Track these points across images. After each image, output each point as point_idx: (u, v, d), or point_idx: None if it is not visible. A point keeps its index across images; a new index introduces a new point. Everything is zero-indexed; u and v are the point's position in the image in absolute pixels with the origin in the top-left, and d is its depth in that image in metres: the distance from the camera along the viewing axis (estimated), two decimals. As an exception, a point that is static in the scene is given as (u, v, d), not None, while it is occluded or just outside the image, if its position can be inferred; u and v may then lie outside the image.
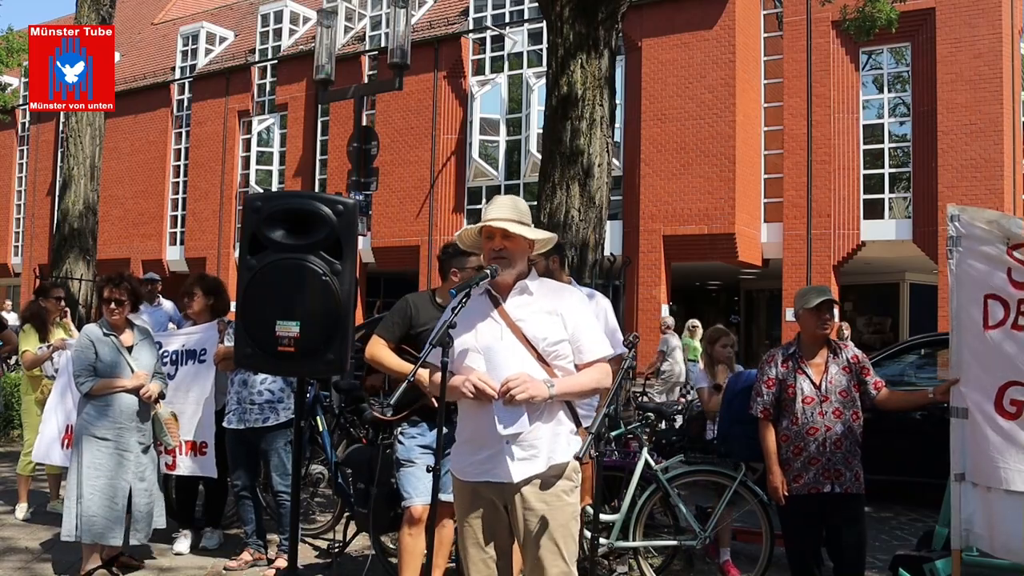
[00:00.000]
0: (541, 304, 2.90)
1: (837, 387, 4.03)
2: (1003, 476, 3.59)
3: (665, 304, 21.22)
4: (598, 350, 2.89)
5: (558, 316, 2.87)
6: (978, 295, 3.71)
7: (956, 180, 18.91)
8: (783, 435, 4.08)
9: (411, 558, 3.95)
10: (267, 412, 4.96)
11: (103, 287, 4.83)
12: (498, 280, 2.91)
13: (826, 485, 3.98)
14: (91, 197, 10.72)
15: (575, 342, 2.87)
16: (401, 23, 8.77)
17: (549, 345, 2.83)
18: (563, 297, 2.96)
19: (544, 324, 2.85)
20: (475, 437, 2.86)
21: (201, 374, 5.25)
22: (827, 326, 4.07)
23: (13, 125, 34.81)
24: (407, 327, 3.92)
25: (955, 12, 19.14)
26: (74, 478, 4.64)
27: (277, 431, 4.98)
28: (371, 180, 9.19)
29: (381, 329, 3.98)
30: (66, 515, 4.63)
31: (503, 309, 2.90)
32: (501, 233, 2.87)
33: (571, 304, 2.93)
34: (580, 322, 2.90)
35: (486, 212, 2.95)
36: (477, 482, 2.86)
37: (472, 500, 2.91)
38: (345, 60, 24.62)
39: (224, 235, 28.49)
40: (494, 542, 2.91)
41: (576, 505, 2.89)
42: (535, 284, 2.96)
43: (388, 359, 3.89)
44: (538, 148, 20.32)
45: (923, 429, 6.52)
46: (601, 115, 6.19)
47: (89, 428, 4.67)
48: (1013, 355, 3.61)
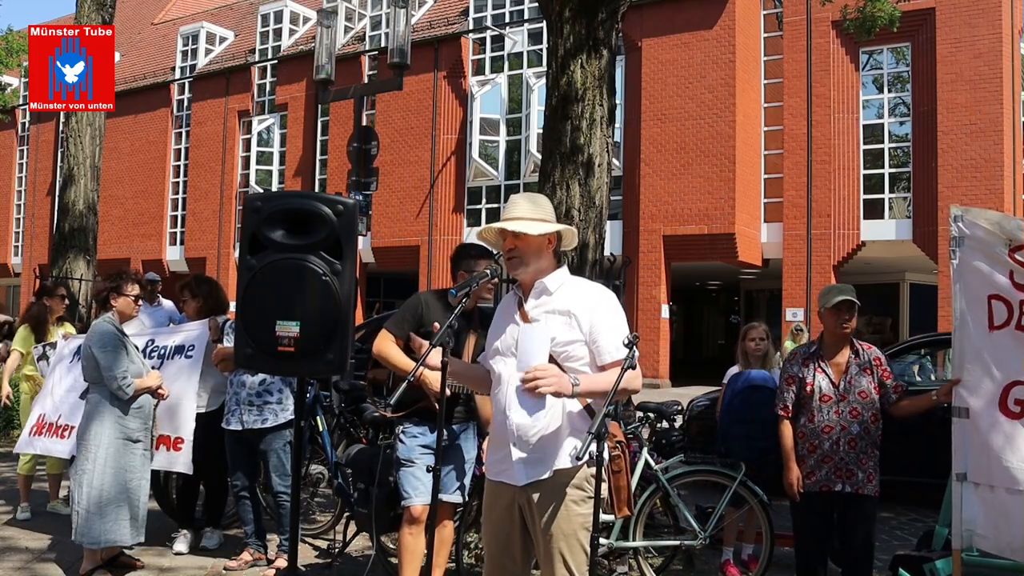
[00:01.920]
0: (556, 304, 2.83)
1: (856, 387, 4.04)
2: (1005, 475, 3.60)
3: (665, 304, 21.23)
4: (619, 351, 2.75)
5: (572, 316, 2.79)
6: (982, 295, 3.71)
7: (956, 180, 18.92)
8: (799, 432, 4.11)
9: (411, 558, 3.95)
10: (265, 413, 4.96)
11: (125, 283, 4.83)
12: (522, 280, 2.89)
13: (837, 484, 3.99)
14: (91, 197, 10.71)
15: (593, 343, 2.78)
16: (401, 23, 8.77)
17: (559, 346, 2.76)
18: (583, 297, 2.84)
19: (555, 324, 2.79)
20: (496, 435, 2.87)
21: (185, 370, 5.22)
22: (846, 326, 4.07)
23: (13, 125, 34.83)
24: (417, 324, 3.91)
25: (955, 12, 19.14)
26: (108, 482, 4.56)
27: (275, 432, 4.98)
28: (371, 180, 9.19)
29: (391, 324, 3.99)
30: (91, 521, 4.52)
31: (523, 310, 2.88)
32: (511, 233, 2.86)
33: (590, 304, 2.82)
34: (599, 322, 2.79)
35: (504, 211, 2.94)
36: (498, 481, 2.87)
37: (494, 500, 2.91)
38: (345, 60, 24.64)
39: (224, 235, 28.49)
40: (511, 544, 2.89)
41: (587, 516, 2.76)
42: (556, 283, 2.87)
43: (394, 355, 3.90)
44: (538, 148, 20.32)
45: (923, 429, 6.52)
46: (601, 115, 6.19)
47: (124, 431, 4.63)
48: (1017, 356, 3.62)
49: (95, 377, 4.66)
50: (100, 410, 4.62)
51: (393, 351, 3.91)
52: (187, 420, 5.13)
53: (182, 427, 5.12)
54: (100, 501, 4.54)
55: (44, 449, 5.63)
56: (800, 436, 4.11)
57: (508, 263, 2.87)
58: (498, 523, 2.89)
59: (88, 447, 4.59)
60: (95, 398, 4.67)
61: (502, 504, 2.87)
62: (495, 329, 2.95)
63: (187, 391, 5.18)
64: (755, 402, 4.87)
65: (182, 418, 5.14)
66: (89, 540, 4.55)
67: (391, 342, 3.93)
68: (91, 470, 4.56)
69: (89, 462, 4.57)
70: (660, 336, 20.97)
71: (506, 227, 2.83)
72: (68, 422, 5.44)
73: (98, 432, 4.60)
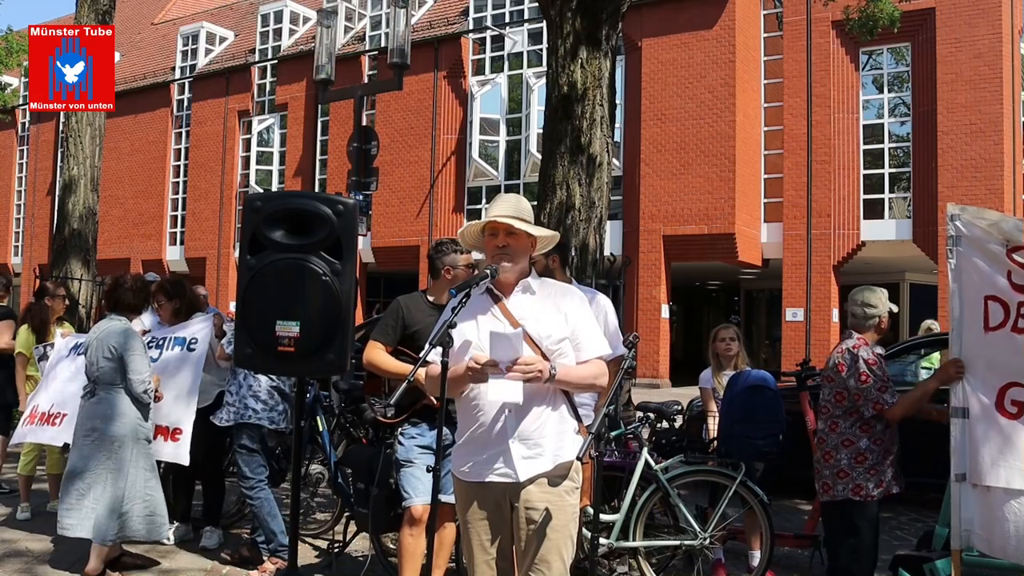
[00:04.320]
0: (545, 302, 2.91)
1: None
2: (1003, 475, 3.59)
3: (665, 304, 21.23)
4: (596, 348, 2.91)
5: (562, 315, 2.89)
6: (978, 296, 3.70)
7: (956, 180, 18.92)
8: (876, 439, 3.91)
9: (411, 559, 3.95)
10: (222, 411, 5.00)
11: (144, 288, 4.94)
12: (500, 278, 2.91)
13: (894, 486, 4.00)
14: (91, 197, 10.71)
15: (575, 340, 2.89)
16: (401, 23, 8.78)
17: (553, 343, 2.84)
18: (566, 297, 2.97)
19: (549, 322, 2.86)
20: (477, 438, 2.85)
21: (187, 362, 5.21)
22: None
23: (13, 125, 34.83)
24: (402, 328, 3.92)
25: (955, 12, 19.15)
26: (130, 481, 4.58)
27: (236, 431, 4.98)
28: (371, 180, 9.19)
29: (377, 334, 3.98)
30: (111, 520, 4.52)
31: (504, 306, 2.90)
32: (505, 230, 2.87)
33: (574, 304, 2.95)
34: (580, 321, 2.92)
35: (490, 209, 2.96)
36: (481, 482, 2.85)
37: (475, 501, 2.89)
38: (345, 60, 24.63)
39: (224, 235, 28.49)
40: (498, 544, 2.90)
41: (576, 506, 2.89)
42: (537, 283, 2.97)
43: (385, 362, 3.90)
44: (538, 148, 20.32)
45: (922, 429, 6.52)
46: (601, 115, 6.19)
47: (143, 431, 4.67)
48: (1013, 357, 3.60)
49: (112, 378, 4.60)
50: (120, 411, 4.60)
51: (384, 358, 3.90)
52: (188, 412, 5.11)
53: (183, 419, 5.10)
54: (121, 501, 4.55)
55: (35, 437, 5.65)
56: (877, 443, 3.91)
57: (498, 259, 2.87)
58: (492, 525, 2.88)
59: (110, 448, 4.57)
60: (111, 398, 4.61)
61: (489, 506, 2.87)
62: (466, 326, 2.89)
63: (189, 383, 5.17)
64: (755, 402, 4.87)
65: (183, 410, 5.12)
66: (109, 537, 4.55)
67: (380, 350, 3.92)
68: (116, 471, 4.57)
69: (113, 462, 4.57)
70: (660, 336, 20.96)
71: (512, 224, 2.85)
72: (61, 410, 5.45)
73: (120, 433, 4.59)
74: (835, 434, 3.96)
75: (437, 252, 4.09)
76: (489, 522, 2.88)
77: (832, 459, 3.94)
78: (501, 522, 2.88)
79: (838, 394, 3.95)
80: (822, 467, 4.01)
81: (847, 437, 3.92)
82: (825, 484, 3.97)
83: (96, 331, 4.78)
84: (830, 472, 3.94)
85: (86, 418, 4.66)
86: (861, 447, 3.89)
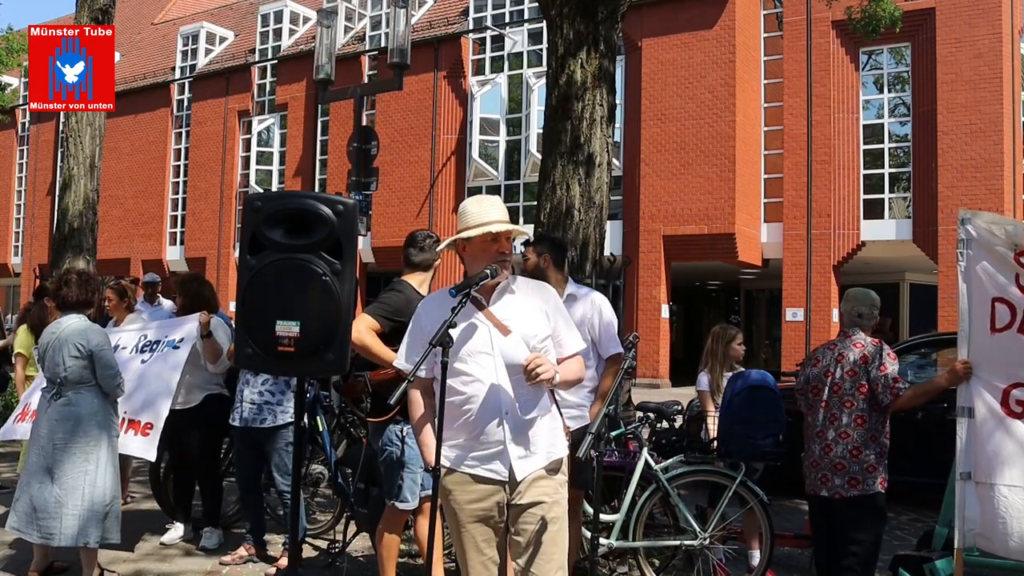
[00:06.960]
0: (526, 302, 2.93)
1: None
2: (1007, 473, 3.63)
3: (665, 304, 21.22)
4: (576, 344, 2.99)
5: (543, 313, 2.92)
6: (986, 298, 3.78)
7: (956, 180, 18.91)
8: (889, 431, 4.17)
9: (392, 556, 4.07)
10: (264, 413, 4.97)
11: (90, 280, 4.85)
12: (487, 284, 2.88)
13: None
14: (91, 197, 10.70)
15: (556, 337, 2.94)
16: (401, 23, 8.77)
17: (539, 342, 2.87)
18: (543, 294, 3.01)
19: (533, 321, 2.89)
20: (468, 443, 2.83)
21: (167, 359, 5.20)
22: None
23: (13, 125, 34.83)
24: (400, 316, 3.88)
25: (955, 12, 19.14)
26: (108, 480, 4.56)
27: (276, 432, 4.99)
28: (371, 180, 9.18)
29: (377, 310, 3.96)
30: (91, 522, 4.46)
31: (488, 312, 2.89)
32: (507, 236, 2.89)
33: (551, 301, 3.00)
34: (560, 318, 2.98)
35: (483, 215, 2.89)
36: (478, 482, 2.83)
37: (474, 497, 2.85)
38: (345, 60, 24.63)
39: (224, 235, 28.49)
40: (494, 545, 2.89)
41: (566, 497, 2.94)
42: (515, 283, 2.99)
43: (376, 346, 3.87)
44: (538, 148, 20.31)
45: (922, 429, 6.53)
46: (601, 114, 6.19)
47: (114, 429, 4.65)
48: (1019, 358, 3.68)
49: (84, 376, 4.50)
50: (93, 410, 4.54)
51: (375, 341, 3.88)
52: (163, 408, 5.05)
53: (158, 415, 5.04)
54: (103, 501, 4.51)
55: (23, 433, 5.61)
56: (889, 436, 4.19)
57: (502, 264, 2.87)
58: (487, 525, 2.87)
59: (86, 448, 4.50)
60: (84, 398, 4.51)
61: (485, 503, 2.84)
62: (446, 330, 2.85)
63: (168, 380, 5.12)
64: (755, 402, 4.87)
65: (156, 406, 5.07)
66: (93, 540, 4.50)
67: (374, 334, 3.89)
68: (93, 471, 4.51)
69: (91, 463, 4.50)
70: (660, 336, 20.95)
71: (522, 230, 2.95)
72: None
73: (95, 432, 4.53)
74: (863, 429, 4.08)
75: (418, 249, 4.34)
76: (485, 524, 2.88)
77: (861, 454, 4.06)
78: (500, 518, 2.87)
79: (861, 386, 4.09)
80: (848, 463, 4.07)
81: (873, 432, 4.09)
82: (852, 480, 4.06)
83: (54, 331, 4.60)
84: (859, 468, 4.06)
85: (56, 421, 4.49)
86: (883, 441, 4.11)
